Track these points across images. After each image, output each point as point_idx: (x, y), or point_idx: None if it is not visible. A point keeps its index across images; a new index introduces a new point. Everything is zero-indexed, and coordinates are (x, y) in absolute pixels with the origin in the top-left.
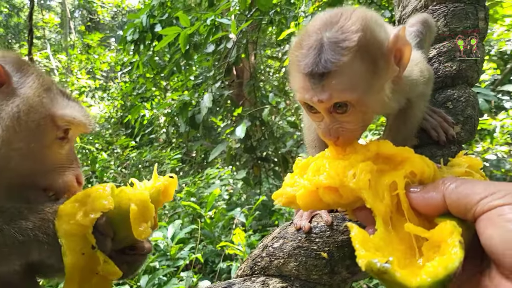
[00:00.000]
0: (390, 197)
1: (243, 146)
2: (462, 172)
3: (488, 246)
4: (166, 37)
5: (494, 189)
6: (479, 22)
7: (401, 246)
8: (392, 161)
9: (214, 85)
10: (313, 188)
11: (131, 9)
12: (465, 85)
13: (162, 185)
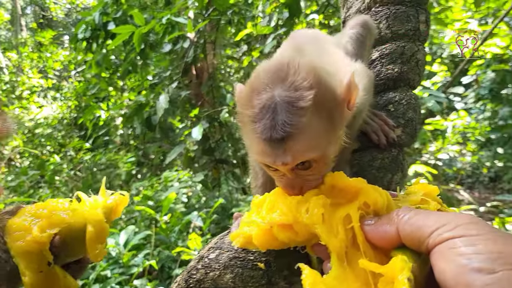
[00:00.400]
0: (345, 231)
1: (201, 148)
2: (418, 200)
3: (441, 280)
4: (120, 35)
5: (445, 221)
6: (420, 25)
7: (356, 283)
8: (346, 193)
9: (171, 85)
10: (267, 226)
11: (86, 6)
12: (407, 87)
13: (114, 203)
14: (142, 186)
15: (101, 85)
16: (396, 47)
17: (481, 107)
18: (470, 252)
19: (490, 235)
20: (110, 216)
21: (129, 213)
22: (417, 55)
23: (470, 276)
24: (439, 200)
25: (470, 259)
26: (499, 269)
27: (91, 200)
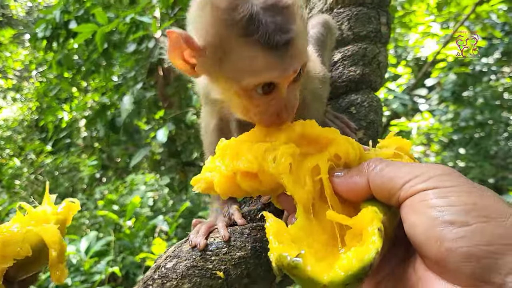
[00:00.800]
0: (313, 182)
1: (167, 150)
2: (391, 154)
3: (411, 234)
4: (81, 34)
5: (417, 172)
6: (381, 26)
7: (323, 235)
8: (317, 143)
9: (136, 86)
10: (230, 173)
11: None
12: (369, 89)
13: (66, 213)
14: (107, 190)
15: (62, 85)
16: (358, 49)
17: (444, 109)
18: (442, 204)
19: (465, 187)
20: (63, 227)
21: (93, 218)
22: (378, 57)
23: (442, 229)
24: (411, 155)
25: (442, 212)
26: (472, 221)
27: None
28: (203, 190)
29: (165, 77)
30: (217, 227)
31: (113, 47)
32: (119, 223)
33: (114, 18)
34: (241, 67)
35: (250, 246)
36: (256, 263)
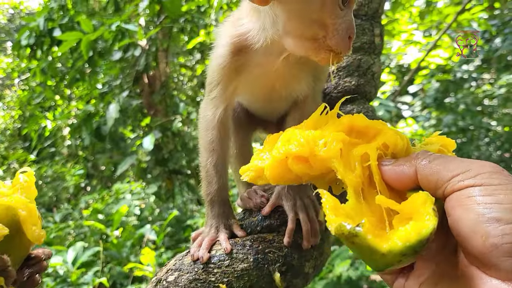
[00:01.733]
0: (362, 168)
1: (154, 158)
2: (436, 150)
3: (456, 228)
4: (66, 42)
5: (466, 167)
6: (375, 38)
7: (372, 218)
8: (365, 134)
9: (122, 94)
10: (282, 157)
11: (30, 12)
12: (364, 100)
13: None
14: (92, 199)
15: (46, 94)
16: (352, 60)
17: (427, 115)
18: (489, 202)
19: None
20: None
21: (78, 228)
22: (373, 68)
23: (488, 225)
24: (454, 155)
25: (489, 208)
26: None
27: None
28: (251, 178)
29: (150, 85)
30: (219, 239)
31: (98, 55)
32: (106, 233)
33: (99, 26)
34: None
35: (252, 258)
36: (258, 274)
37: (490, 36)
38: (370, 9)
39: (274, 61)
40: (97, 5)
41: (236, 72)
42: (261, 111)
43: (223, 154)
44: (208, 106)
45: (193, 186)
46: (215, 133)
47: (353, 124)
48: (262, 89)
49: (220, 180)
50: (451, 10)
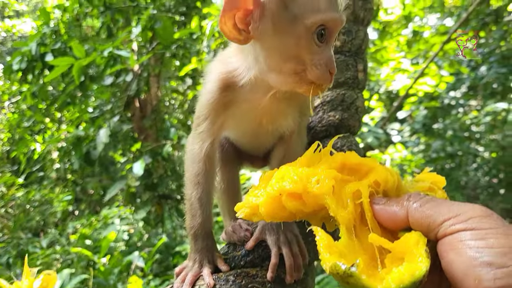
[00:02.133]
0: (354, 205)
1: (143, 183)
2: (426, 187)
3: (448, 271)
4: (58, 68)
5: (457, 211)
6: (358, 73)
7: (364, 255)
8: (357, 171)
9: (112, 119)
10: (276, 194)
11: (22, 35)
12: (348, 134)
13: (43, 285)
14: (80, 224)
15: (36, 117)
16: (336, 94)
17: (416, 141)
18: (481, 246)
19: (502, 230)
20: None
21: (65, 254)
22: (356, 102)
23: (480, 269)
24: (444, 192)
25: (481, 253)
26: (510, 263)
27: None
28: (246, 215)
29: (141, 109)
30: (202, 274)
31: (89, 80)
32: (93, 260)
33: (91, 51)
34: (305, 7)
35: None
36: None
37: (475, 64)
38: (354, 46)
39: (261, 98)
40: (90, 30)
41: (224, 108)
42: (248, 145)
43: (208, 187)
44: (195, 140)
45: (182, 211)
46: (201, 166)
47: (345, 161)
48: (249, 125)
49: (204, 213)
50: (437, 40)
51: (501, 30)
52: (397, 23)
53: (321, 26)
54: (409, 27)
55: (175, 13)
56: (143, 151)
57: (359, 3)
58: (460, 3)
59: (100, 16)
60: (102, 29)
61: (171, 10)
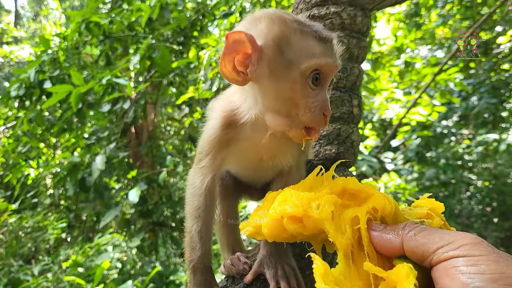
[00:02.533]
0: (352, 231)
1: (138, 210)
2: (424, 214)
3: None
4: (56, 95)
5: (449, 239)
6: (353, 108)
7: (359, 281)
8: (357, 197)
9: (109, 146)
10: (278, 216)
11: (20, 61)
12: (344, 167)
13: None
14: (73, 252)
15: (32, 143)
16: (332, 129)
17: (409, 169)
18: (472, 272)
19: (492, 256)
20: None
21: (57, 282)
22: (352, 136)
23: None
24: (442, 217)
25: (472, 278)
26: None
27: None
28: (250, 234)
29: (137, 136)
30: None
31: (87, 107)
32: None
33: (90, 78)
34: (300, 53)
35: None
36: None
37: (466, 94)
38: (349, 82)
39: (261, 136)
40: (89, 58)
41: (226, 144)
42: (248, 178)
43: (208, 221)
44: (197, 174)
45: (177, 239)
46: (202, 200)
47: (346, 186)
48: (249, 161)
49: (204, 247)
50: (429, 71)
51: (491, 62)
52: (390, 54)
53: (316, 71)
54: (401, 58)
55: (172, 43)
56: (139, 178)
57: (354, 41)
58: (450, 35)
59: (99, 45)
60: (101, 57)
61: (169, 39)
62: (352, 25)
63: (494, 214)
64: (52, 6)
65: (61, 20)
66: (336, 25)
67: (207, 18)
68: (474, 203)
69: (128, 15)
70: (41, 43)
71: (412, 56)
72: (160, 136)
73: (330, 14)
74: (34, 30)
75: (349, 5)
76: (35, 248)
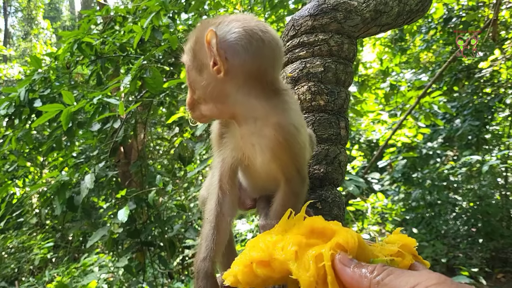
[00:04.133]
0: (317, 268)
1: (126, 230)
2: (395, 251)
3: None
4: (46, 114)
5: (415, 282)
6: (341, 130)
7: None
8: (324, 235)
9: (98, 165)
10: (247, 262)
11: (8, 79)
12: (332, 186)
13: None
14: (58, 273)
15: (19, 162)
16: (321, 149)
17: (396, 189)
18: None
19: None
20: None
21: None
22: (339, 157)
23: None
24: (415, 251)
25: None
26: None
27: None
28: (232, 283)
29: (125, 155)
30: None
31: (77, 126)
32: None
33: (80, 97)
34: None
35: None
36: None
37: (450, 117)
38: (336, 105)
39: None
40: (79, 77)
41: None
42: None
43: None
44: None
45: (164, 259)
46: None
47: (313, 226)
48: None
49: (207, 250)
50: (414, 93)
51: (473, 85)
52: (376, 77)
53: None
54: (386, 81)
55: (163, 64)
56: (128, 197)
57: (341, 67)
58: (434, 59)
59: (90, 64)
60: (92, 77)
61: (160, 60)
62: (339, 52)
63: (479, 234)
64: (43, 26)
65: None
66: (324, 51)
67: None
68: (459, 223)
69: (120, 36)
70: (32, 63)
71: (397, 80)
72: (149, 156)
73: (319, 41)
74: (24, 49)
75: (336, 33)
76: (18, 269)
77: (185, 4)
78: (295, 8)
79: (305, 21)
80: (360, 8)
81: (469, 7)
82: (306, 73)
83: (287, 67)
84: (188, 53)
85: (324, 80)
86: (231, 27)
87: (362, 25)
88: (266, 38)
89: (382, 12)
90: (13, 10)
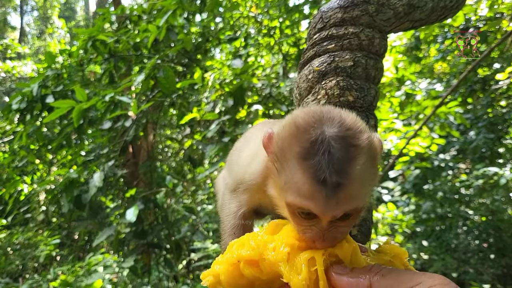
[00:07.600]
0: (309, 272)
1: (133, 230)
2: (387, 260)
3: None
4: (58, 110)
5: (418, 280)
6: (370, 128)
7: None
8: None
9: (107, 163)
10: (235, 261)
11: (21, 76)
12: None
13: None
14: (62, 271)
15: (29, 158)
16: None
17: (406, 200)
18: None
19: None
20: None
21: None
22: None
23: None
24: (407, 263)
25: None
26: None
27: None
28: (210, 284)
29: (134, 155)
30: None
31: (88, 123)
32: None
33: (92, 95)
34: (289, 184)
35: None
36: None
37: (465, 128)
38: (366, 102)
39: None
40: (92, 75)
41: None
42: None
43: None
44: (233, 200)
45: (170, 261)
46: (237, 222)
47: None
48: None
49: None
50: (429, 103)
51: (489, 98)
52: (390, 85)
53: (300, 209)
54: (401, 90)
55: (177, 64)
56: (137, 197)
57: (371, 62)
58: (448, 70)
59: (103, 63)
60: (104, 75)
61: (173, 60)
62: (369, 47)
63: (491, 250)
64: (57, 25)
65: (66, 39)
66: (354, 45)
67: (211, 42)
68: (470, 238)
69: (134, 35)
70: (47, 59)
71: (412, 88)
72: (158, 157)
73: (349, 35)
74: (38, 47)
75: (367, 26)
76: (22, 266)
77: (200, 5)
78: (310, 13)
79: (335, 13)
80: (393, 2)
81: (487, 18)
82: (334, 67)
83: (314, 61)
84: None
85: (353, 75)
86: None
87: (394, 19)
88: None
89: (416, 6)
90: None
